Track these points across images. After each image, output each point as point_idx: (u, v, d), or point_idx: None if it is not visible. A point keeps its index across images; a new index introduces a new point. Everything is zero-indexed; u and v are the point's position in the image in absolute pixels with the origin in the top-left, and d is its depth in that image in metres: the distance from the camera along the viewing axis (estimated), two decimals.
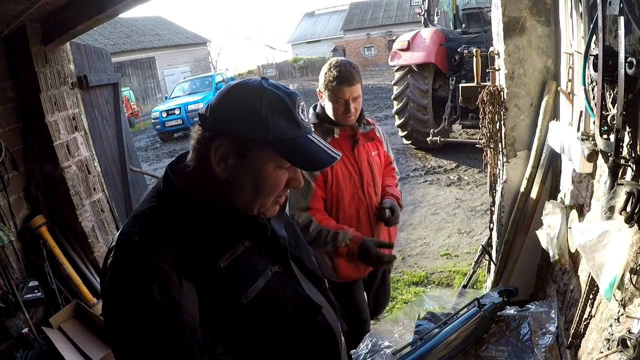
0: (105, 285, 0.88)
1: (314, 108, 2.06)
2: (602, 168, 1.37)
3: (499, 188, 2.51)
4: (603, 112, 1.23)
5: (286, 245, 1.06)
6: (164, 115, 12.99)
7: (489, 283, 2.67)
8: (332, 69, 1.90)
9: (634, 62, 1.03)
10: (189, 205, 0.93)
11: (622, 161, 1.14)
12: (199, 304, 0.87)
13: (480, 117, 2.44)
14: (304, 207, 1.90)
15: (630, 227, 1.01)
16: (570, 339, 1.53)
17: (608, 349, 1.11)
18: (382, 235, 2.09)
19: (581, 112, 1.60)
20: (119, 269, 0.86)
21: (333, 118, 1.94)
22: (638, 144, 1.10)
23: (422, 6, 7.50)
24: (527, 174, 2.25)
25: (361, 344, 1.54)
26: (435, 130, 6.58)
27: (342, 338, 1.16)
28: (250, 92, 0.91)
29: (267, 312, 0.96)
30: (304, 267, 1.11)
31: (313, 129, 1.69)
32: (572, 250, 1.61)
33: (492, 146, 2.45)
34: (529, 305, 1.66)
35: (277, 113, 0.90)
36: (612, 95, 1.19)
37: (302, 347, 1.03)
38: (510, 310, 1.65)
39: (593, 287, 1.39)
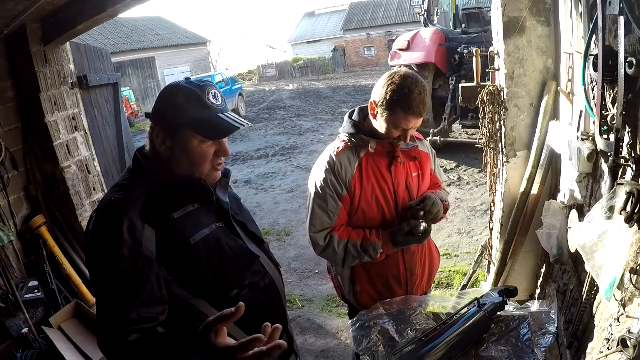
0: (87, 233, 1.18)
1: (350, 116, 1.81)
2: (602, 168, 1.37)
3: (499, 188, 2.51)
4: (603, 112, 1.23)
5: (228, 208, 1.33)
6: None
7: (489, 283, 2.67)
8: (403, 90, 1.56)
9: (634, 62, 1.03)
10: (152, 176, 1.23)
11: (622, 161, 1.14)
12: (156, 244, 1.15)
13: (480, 117, 2.44)
14: (328, 226, 1.73)
15: (630, 227, 1.01)
16: (570, 339, 1.53)
17: (608, 349, 1.11)
18: (420, 262, 1.87)
19: (581, 112, 1.60)
20: (99, 220, 1.16)
21: (382, 137, 1.69)
22: (638, 144, 1.10)
23: (422, 6, 7.50)
24: (527, 174, 2.25)
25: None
26: (435, 130, 6.58)
27: (283, 288, 1.42)
28: (172, 90, 1.22)
29: (210, 254, 1.22)
30: (246, 229, 1.38)
31: (347, 139, 1.77)
32: (572, 250, 1.61)
33: (492, 146, 2.45)
34: (529, 304, 1.66)
35: (191, 101, 1.18)
36: (612, 95, 1.19)
37: (245, 291, 1.27)
38: (510, 308, 1.65)
39: (593, 287, 1.39)
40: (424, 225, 1.67)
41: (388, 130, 1.65)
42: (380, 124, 1.67)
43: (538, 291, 2.37)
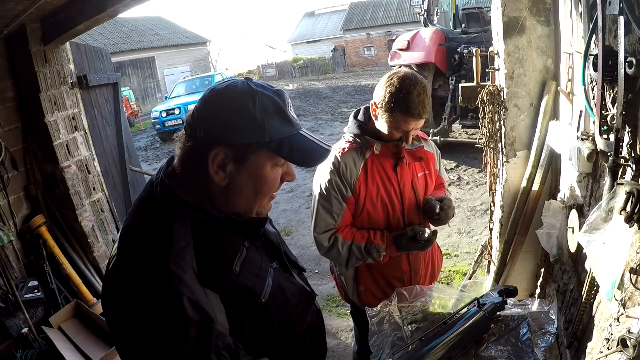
0: (123, 305, 0.85)
1: (356, 116, 1.78)
2: (602, 168, 1.37)
3: (499, 188, 2.51)
4: (603, 112, 1.23)
5: (279, 242, 1.12)
6: (164, 115, 12.99)
7: (489, 283, 2.66)
8: (402, 92, 1.54)
9: (634, 62, 1.02)
10: (197, 214, 0.91)
11: (622, 161, 1.14)
12: (226, 312, 0.88)
13: (480, 117, 2.44)
14: (332, 227, 1.71)
15: (630, 227, 1.01)
16: (570, 339, 1.53)
17: (608, 349, 1.11)
18: (424, 262, 1.89)
19: (581, 112, 1.60)
20: (141, 286, 0.83)
21: (384, 138, 1.68)
22: (638, 144, 1.10)
23: (422, 6, 7.50)
24: (527, 174, 2.24)
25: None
26: (435, 130, 6.58)
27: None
28: (241, 96, 0.89)
29: (279, 307, 1.00)
30: (290, 260, 1.16)
31: (352, 140, 1.72)
32: (572, 250, 1.61)
33: (492, 146, 2.45)
34: (528, 302, 1.66)
35: (271, 114, 0.89)
36: (612, 95, 1.19)
37: (306, 336, 1.09)
38: (511, 310, 1.65)
39: (593, 287, 1.39)
40: (428, 232, 1.66)
41: (389, 132, 1.64)
42: (381, 126, 1.66)
43: (538, 291, 2.37)
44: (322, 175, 1.75)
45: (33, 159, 3.15)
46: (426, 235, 1.65)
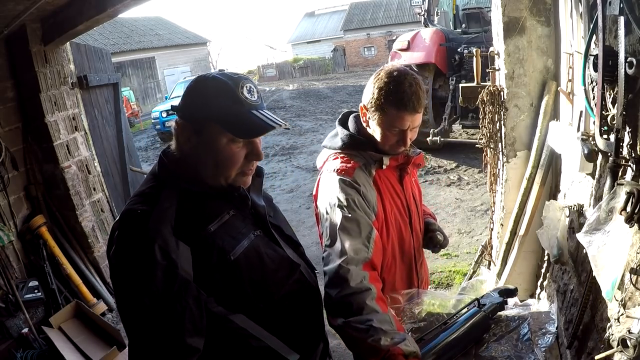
0: (112, 251, 1.03)
1: (343, 124, 1.56)
2: (602, 168, 1.37)
3: (499, 188, 2.51)
4: (603, 112, 1.23)
5: (265, 213, 1.22)
6: (164, 115, 12.97)
7: (489, 283, 2.66)
8: (390, 84, 1.37)
9: (634, 62, 1.02)
10: (182, 183, 1.09)
11: (622, 161, 1.14)
12: (193, 262, 1.03)
13: (480, 117, 2.44)
14: (364, 259, 1.34)
15: (630, 227, 1.01)
16: (570, 339, 1.53)
17: (608, 349, 1.11)
18: (424, 270, 1.75)
19: (581, 112, 1.60)
20: (126, 237, 1.01)
21: (380, 146, 1.47)
22: (638, 144, 1.10)
23: (422, 6, 7.50)
24: (527, 174, 2.24)
25: None
26: (435, 130, 6.57)
27: (321, 295, 1.32)
28: (201, 81, 1.10)
29: (251, 268, 1.12)
30: (282, 233, 1.27)
31: (347, 157, 1.50)
32: (572, 250, 1.61)
33: (492, 146, 2.45)
34: (529, 302, 1.66)
35: (221, 95, 1.05)
36: (612, 95, 1.19)
37: (285, 301, 1.18)
38: (511, 303, 1.65)
39: (593, 287, 1.39)
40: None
41: (383, 136, 1.43)
42: (374, 130, 1.45)
43: (538, 291, 2.37)
44: (338, 202, 1.40)
45: (33, 159, 3.16)
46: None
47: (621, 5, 1.02)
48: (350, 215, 1.37)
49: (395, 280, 1.61)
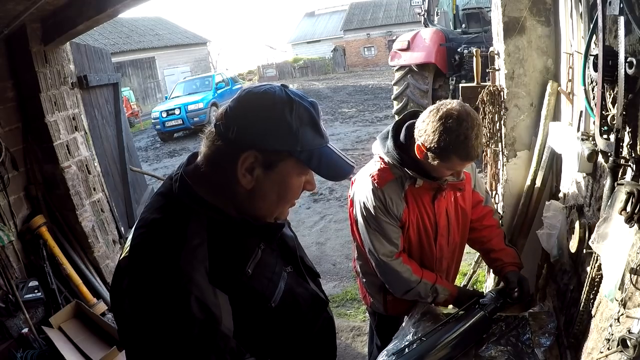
0: (129, 297, 0.84)
1: (394, 137, 1.62)
2: (602, 168, 1.37)
3: (499, 188, 2.51)
4: (603, 112, 1.23)
5: (294, 246, 1.10)
6: (164, 115, 12.99)
7: (489, 283, 2.66)
8: (454, 133, 1.38)
9: (634, 62, 1.02)
10: (214, 214, 0.91)
11: (622, 161, 1.14)
12: (232, 313, 0.87)
13: (480, 117, 2.44)
14: (393, 252, 1.67)
15: (630, 227, 1.01)
16: (570, 339, 1.53)
17: (608, 349, 1.11)
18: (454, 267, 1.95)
19: (581, 112, 1.60)
20: (150, 282, 0.82)
21: (430, 173, 1.57)
22: (638, 144, 1.10)
23: (422, 6, 7.51)
24: (527, 174, 2.24)
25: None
26: None
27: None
28: (279, 103, 0.89)
29: (288, 313, 1.00)
30: (304, 264, 1.14)
31: (388, 167, 1.65)
32: (572, 250, 1.61)
33: (492, 146, 2.45)
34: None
35: (305, 124, 0.90)
36: (612, 95, 1.19)
37: (313, 341, 1.09)
38: (511, 310, 1.65)
39: (593, 287, 1.39)
40: (492, 304, 1.64)
41: (439, 172, 1.53)
42: (430, 166, 1.52)
43: (538, 291, 2.36)
44: (366, 211, 1.67)
45: (33, 159, 3.15)
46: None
47: (621, 5, 1.02)
48: (377, 223, 1.63)
49: None
